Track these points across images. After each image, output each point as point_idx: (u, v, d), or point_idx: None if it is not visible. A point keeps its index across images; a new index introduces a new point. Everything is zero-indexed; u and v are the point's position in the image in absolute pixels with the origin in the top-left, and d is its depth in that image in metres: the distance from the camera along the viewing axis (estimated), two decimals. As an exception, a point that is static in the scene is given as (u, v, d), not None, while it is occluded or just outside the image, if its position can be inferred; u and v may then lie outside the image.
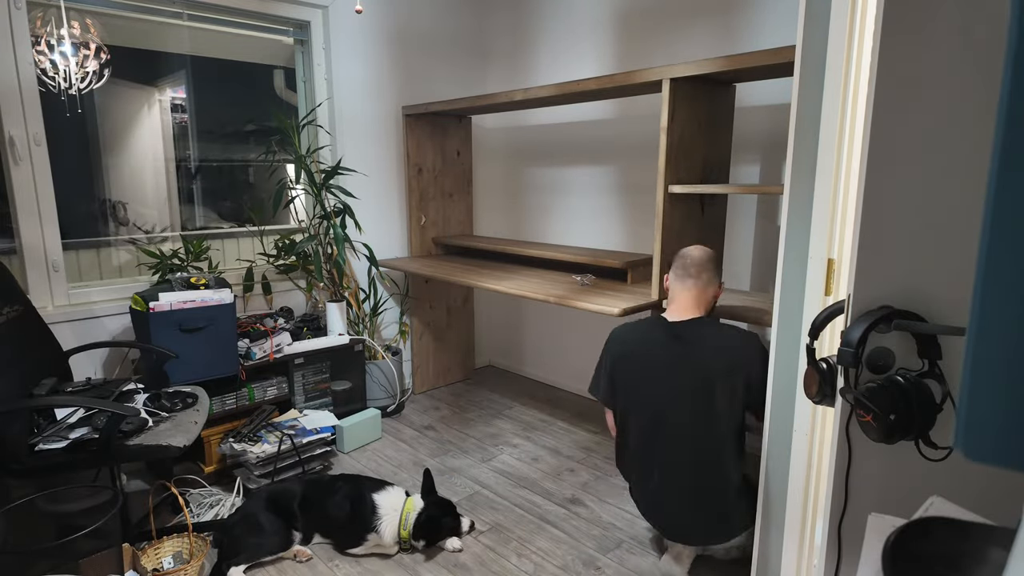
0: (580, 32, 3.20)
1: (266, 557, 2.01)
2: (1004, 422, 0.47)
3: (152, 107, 3.42)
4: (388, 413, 3.23)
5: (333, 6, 3.06)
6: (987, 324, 0.47)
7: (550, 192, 3.51)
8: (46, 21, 2.40)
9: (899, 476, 0.90)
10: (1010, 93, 0.44)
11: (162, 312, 2.24)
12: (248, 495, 2.32)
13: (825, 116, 1.38)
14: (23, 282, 2.38)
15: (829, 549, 0.99)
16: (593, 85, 2.39)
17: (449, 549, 2.10)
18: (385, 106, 3.32)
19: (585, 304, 2.25)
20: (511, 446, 2.91)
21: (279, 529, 2.04)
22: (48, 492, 1.85)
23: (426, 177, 3.44)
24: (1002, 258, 0.45)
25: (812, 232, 1.44)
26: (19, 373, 1.87)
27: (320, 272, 2.89)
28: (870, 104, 0.87)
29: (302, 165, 2.92)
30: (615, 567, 2.03)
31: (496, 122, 3.76)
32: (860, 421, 0.83)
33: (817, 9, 1.35)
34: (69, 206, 2.61)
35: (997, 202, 0.45)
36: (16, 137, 2.31)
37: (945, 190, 0.81)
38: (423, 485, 2.23)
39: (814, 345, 1.12)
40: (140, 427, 1.85)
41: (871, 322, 0.85)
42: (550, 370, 3.75)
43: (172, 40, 3.06)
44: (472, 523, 2.18)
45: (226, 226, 3.67)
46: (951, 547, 0.65)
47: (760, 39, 2.50)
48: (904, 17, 0.82)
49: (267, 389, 2.67)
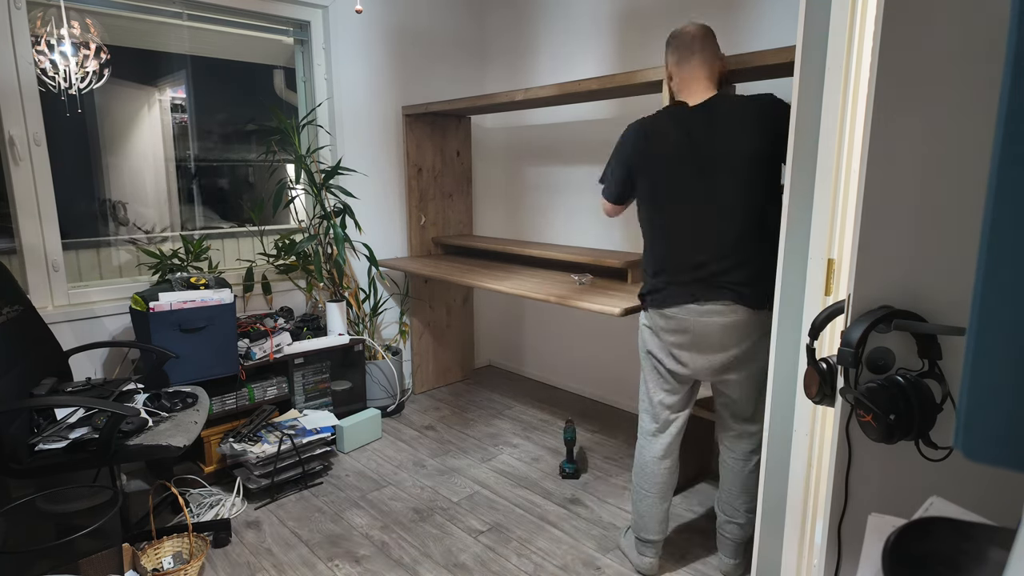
0: (580, 32, 3.20)
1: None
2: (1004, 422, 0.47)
3: (152, 107, 3.43)
4: (388, 413, 3.23)
5: (333, 6, 3.06)
6: (987, 324, 0.47)
7: (550, 192, 3.51)
8: (46, 21, 2.40)
9: (899, 476, 0.90)
10: (1010, 93, 0.44)
11: (162, 312, 2.24)
12: (247, 495, 2.31)
13: (825, 116, 1.38)
14: (23, 282, 2.38)
15: (829, 549, 0.99)
16: (594, 85, 2.39)
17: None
18: (385, 106, 3.32)
19: (585, 304, 2.25)
20: (511, 446, 2.91)
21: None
22: (48, 492, 1.85)
23: (426, 177, 3.44)
24: (1002, 258, 0.45)
25: (812, 232, 1.44)
26: (19, 373, 1.87)
27: (320, 272, 2.89)
28: (870, 104, 0.87)
29: (302, 165, 2.92)
30: (615, 567, 2.03)
31: (496, 122, 3.76)
32: (860, 421, 0.83)
33: (817, 9, 1.35)
34: (69, 206, 2.61)
35: (997, 202, 0.45)
36: (16, 137, 2.31)
37: (945, 190, 0.81)
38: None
39: (814, 345, 1.12)
40: (140, 427, 1.85)
41: (871, 322, 0.85)
42: (550, 370, 3.75)
43: (172, 40, 3.06)
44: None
45: (226, 226, 3.67)
46: (951, 547, 0.65)
47: (760, 39, 2.50)
48: (904, 17, 0.82)
49: (267, 389, 2.67)
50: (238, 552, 2.11)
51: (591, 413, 3.29)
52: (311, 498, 2.44)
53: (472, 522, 2.29)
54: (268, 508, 2.37)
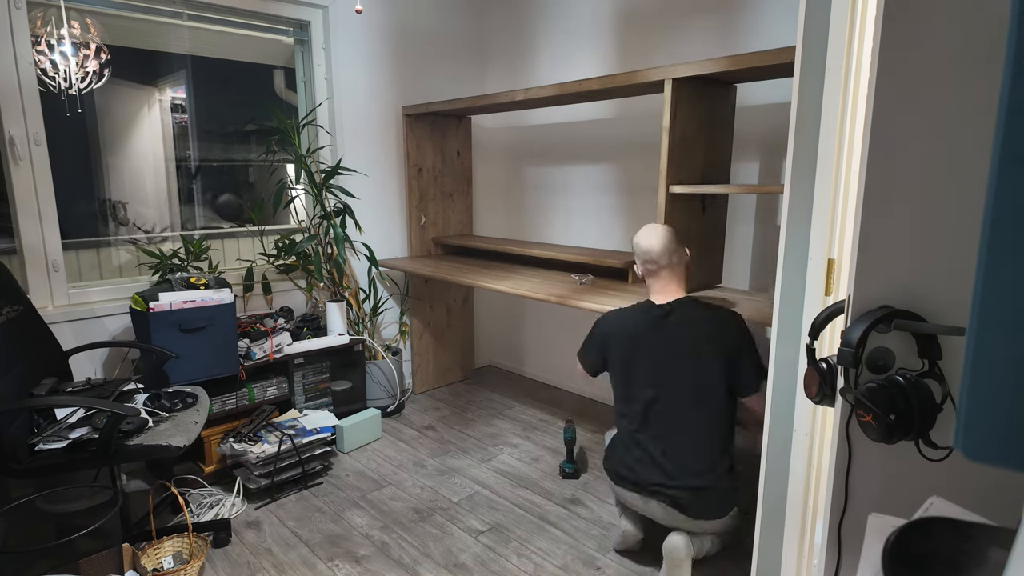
0: (580, 32, 3.20)
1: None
2: (1004, 422, 0.47)
3: (152, 107, 3.43)
4: (388, 413, 3.23)
5: (333, 6, 3.06)
6: (987, 324, 0.47)
7: (550, 192, 3.51)
8: (46, 21, 2.40)
9: (899, 476, 0.90)
10: (1010, 93, 0.44)
11: (162, 312, 2.24)
12: (248, 495, 2.31)
13: (825, 116, 1.38)
14: (23, 282, 2.38)
15: (829, 549, 0.99)
16: (595, 85, 2.39)
17: None
18: (385, 106, 3.32)
19: (585, 304, 2.25)
20: (511, 446, 2.91)
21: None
22: (48, 492, 1.85)
23: (426, 177, 3.44)
24: (1002, 258, 0.45)
25: (812, 232, 1.44)
26: (19, 373, 1.87)
27: (320, 272, 2.89)
28: (870, 104, 0.86)
29: (302, 165, 2.92)
30: (615, 567, 2.03)
31: (496, 122, 3.76)
32: (860, 421, 0.83)
33: (817, 9, 1.35)
34: (69, 206, 2.61)
35: (997, 202, 0.45)
36: (16, 137, 2.31)
37: (945, 190, 0.81)
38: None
39: (814, 345, 1.12)
40: (140, 427, 1.85)
41: (871, 322, 0.85)
42: (550, 370, 3.75)
43: (172, 40, 3.06)
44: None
45: (226, 226, 3.67)
46: (951, 547, 0.65)
47: (760, 39, 2.50)
48: (904, 17, 0.82)
49: (267, 389, 2.67)
50: (238, 552, 2.11)
51: (591, 413, 3.29)
52: (311, 498, 2.44)
53: (472, 522, 2.29)
54: (268, 508, 2.37)
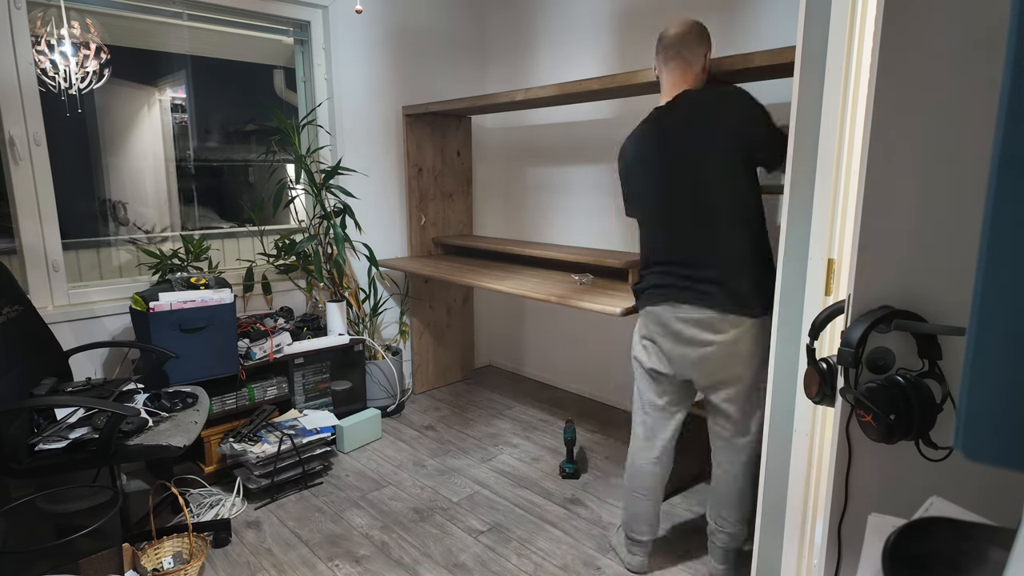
0: (580, 32, 3.20)
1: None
2: (1004, 422, 0.47)
3: (152, 107, 3.42)
4: (388, 413, 3.23)
5: (333, 6, 3.06)
6: (987, 324, 0.47)
7: (550, 192, 3.51)
8: (46, 21, 2.40)
9: (899, 476, 0.90)
10: (1010, 93, 0.44)
11: (162, 312, 2.24)
12: (247, 495, 2.31)
13: (825, 116, 1.38)
14: (23, 282, 2.38)
15: (829, 549, 0.99)
16: (595, 85, 2.39)
17: None
18: (385, 106, 3.32)
19: (585, 304, 2.25)
20: (511, 446, 2.91)
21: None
22: (48, 492, 1.85)
23: (426, 177, 3.44)
24: (1002, 258, 0.45)
25: (812, 232, 1.44)
26: (19, 373, 1.87)
27: (320, 272, 2.89)
28: (870, 104, 0.86)
29: (302, 165, 2.92)
30: (615, 567, 2.03)
31: (496, 122, 3.76)
32: (860, 421, 0.83)
33: (817, 9, 1.35)
34: (69, 206, 2.61)
35: (997, 202, 0.45)
36: (16, 137, 2.31)
37: (945, 190, 0.81)
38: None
39: (814, 345, 1.12)
40: (140, 427, 1.85)
41: (871, 322, 0.85)
42: (550, 370, 3.75)
43: (172, 40, 3.06)
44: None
45: (226, 226, 3.67)
46: (951, 547, 0.65)
47: (760, 39, 2.50)
48: (904, 17, 0.82)
49: (267, 389, 2.67)
50: (238, 552, 2.11)
51: (591, 413, 3.29)
52: (311, 498, 2.44)
53: (472, 522, 2.29)
54: (268, 508, 2.37)
